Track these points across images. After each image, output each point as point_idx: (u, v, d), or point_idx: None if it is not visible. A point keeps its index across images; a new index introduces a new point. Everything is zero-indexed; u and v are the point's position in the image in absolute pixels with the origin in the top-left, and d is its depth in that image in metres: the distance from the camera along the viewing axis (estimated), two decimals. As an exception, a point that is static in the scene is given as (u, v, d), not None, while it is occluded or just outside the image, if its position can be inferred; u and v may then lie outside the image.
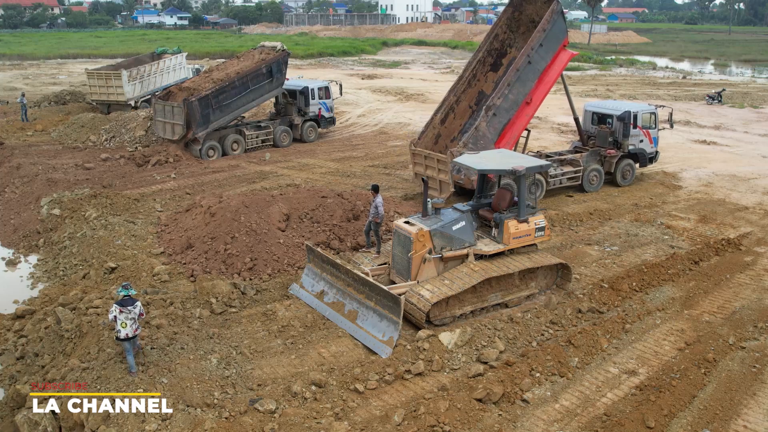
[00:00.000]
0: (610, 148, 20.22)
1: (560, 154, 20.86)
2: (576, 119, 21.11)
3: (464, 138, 17.46)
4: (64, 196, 18.26)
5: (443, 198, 16.83)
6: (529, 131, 20.72)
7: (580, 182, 19.91)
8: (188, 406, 8.79)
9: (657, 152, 21.25)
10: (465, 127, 19.65)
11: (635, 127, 20.19)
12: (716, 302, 12.72)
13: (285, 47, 27.32)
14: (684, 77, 55.56)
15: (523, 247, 12.59)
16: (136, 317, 9.25)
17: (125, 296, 9.25)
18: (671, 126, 22.57)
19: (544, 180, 18.69)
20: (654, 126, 20.77)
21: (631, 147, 20.32)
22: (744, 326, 11.67)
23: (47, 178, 20.67)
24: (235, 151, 25.17)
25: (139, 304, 9.37)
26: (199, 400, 8.94)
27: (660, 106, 21.79)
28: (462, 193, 18.46)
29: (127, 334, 9.12)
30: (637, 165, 20.95)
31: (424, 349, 10.40)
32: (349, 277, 11.69)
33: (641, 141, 20.52)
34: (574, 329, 11.40)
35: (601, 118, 20.89)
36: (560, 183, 19.48)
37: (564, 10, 19.72)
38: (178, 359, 9.84)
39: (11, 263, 15.27)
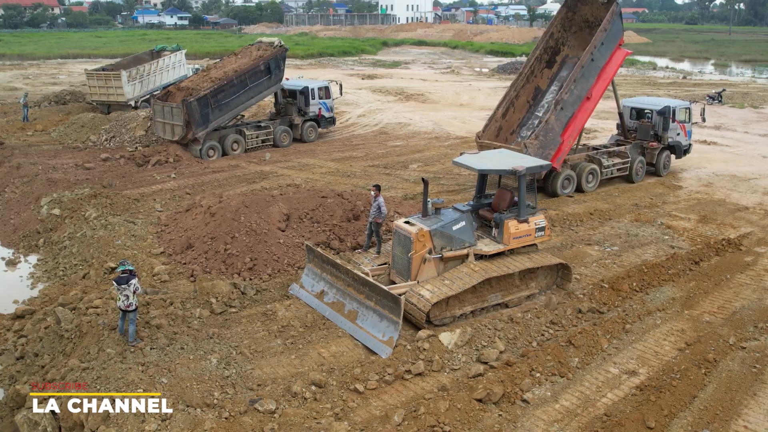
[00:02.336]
0: (653, 141, 21.75)
1: (605, 147, 22.15)
2: (620, 114, 22.30)
3: (536, 130, 18.51)
4: (64, 196, 18.25)
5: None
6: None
7: (628, 173, 21.26)
8: (188, 406, 8.78)
9: (690, 145, 22.84)
10: (523, 120, 20.78)
11: (673, 121, 21.74)
12: (716, 302, 12.71)
13: (282, 43, 27.24)
14: (684, 77, 55.56)
15: (524, 247, 12.58)
16: (131, 294, 9.97)
17: (122, 273, 10.05)
18: (703, 120, 23.84)
19: (599, 170, 20.24)
20: (688, 120, 22.43)
21: (669, 140, 21.90)
22: (744, 326, 11.66)
23: (47, 178, 20.66)
24: (235, 151, 25.16)
25: (134, 282, 10.01)
26: (199, 400, 8.93)
27: (693, 101, 23.40)
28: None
29: (119, 307, 10.09)
30: (673, 156, 22.45)
31: (424, 349, 10.39)
32: (349, 277, 11.69)
33: (678, 134, 22.11)
34: (575, 329, 11.39)
35: (638, 113, 22.54)
36: (611, 174, 20.85)
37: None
38: (178, 359, 9.83)
39: (11, 263, 15.26)
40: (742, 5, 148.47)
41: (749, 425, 8.94)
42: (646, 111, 22.27)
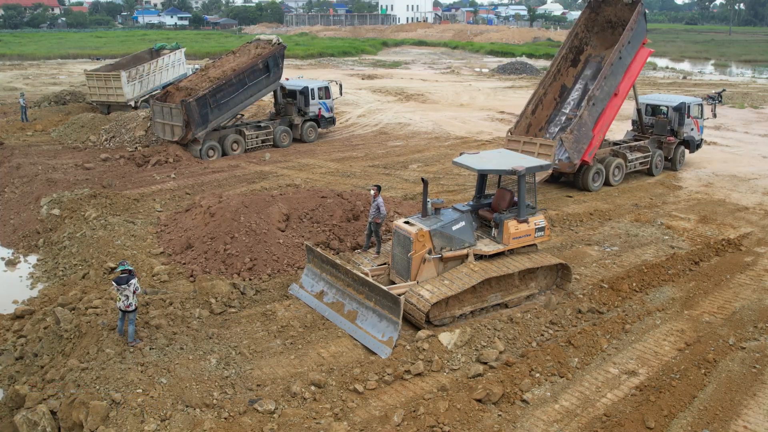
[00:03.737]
0: (670, 136, 22.62)
1: (625, 142, 22.92)
2: (639, 110, 23.19)
3: (571, 125, 19.20)
4: (63, 196, 18.25)
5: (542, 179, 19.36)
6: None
7: (648, 166, 22.18)
8: (187, 406, 8.78)
9: (702, 139, 24.01)
10: (550, 117, 21.56)
11: (688, 116, 22.80)
12: (716, 302, 12.71)
13: (281, 40, 27.18)
14: (684, 77, 55.53)
15: (523, 247, 12.58)
16: (131, 294, 10.01)
17: (121, 273, 10.10)
18: (714, 116, 25.05)
19: (624, 164, 21.15)
20: (701, 116, 23.58)
21: (684, 134, 22.90)
22: (744, 327, 11.65)
23: (47, 178, 20.66)
24: (235, 151, 25.15)
25: (133, 282, 10.03)
26: (199, 400, 8.93)
27: (705, 98, 24.73)
28: (553, 179, 20.93)
29: (119, 307, 10.11)
30: (687, 151, 23.55)
31: (424, 350, 10.38)
32: (349, 277, 11.68)
33: (692, 129, 23.21)
34: (574, 329, 11.39)
35: (653, 109, 23.45)
36: (635, 167, 21.70)
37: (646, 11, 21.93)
38: (178, 359, 9.83)
39: (11, 263, 15.25)
40: (742, 5, 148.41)
41: (749, 425, 8.94)
42: (661, 107, 23.18)
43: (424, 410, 8.91)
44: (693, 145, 23.41)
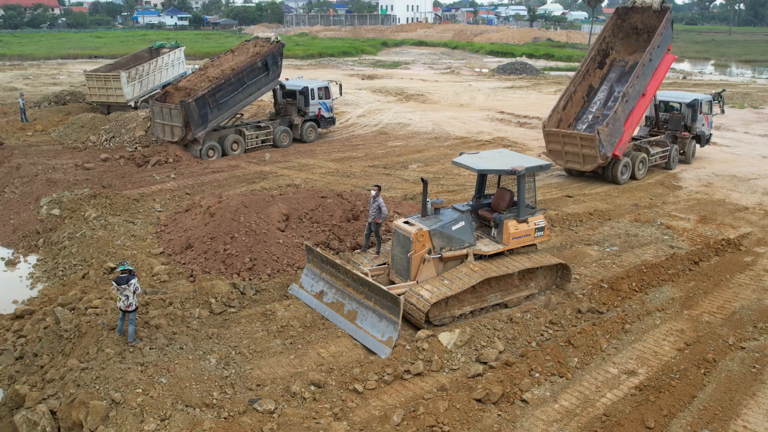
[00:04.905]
0: (684, 131, 23.94)
1: (643, 137, 24.00)
2: (656, 107, 24.39)
3: (607, 120, 20.31)
4: (63, 196, 18.25)
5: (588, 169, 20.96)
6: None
7: (667, 160, 23.37)
8: (187, 406, 8.78)
9: (711, 134, 25.29)
10: (578, 114, 22.68)
11: (700, 112, 24.03)
12: (716, 302, 12.71)
13: (279, 38, 27.14)
14: (684, 78, 55.53)
15: (523, 247, 12.58)
16: (131, 294, 10.04)
17: (121, 273, 10.13)
18: (722, 112, 26.31)
19: (647, 158, 22.27)
20: (710, 112, 24.79)
21: (697, 129, 24.21)
22: (744, 326, 11.65)
23: (47, 178, 20.66)
24: (234, 151, 25.14)
25: (133, 282, 10.06)
26: (198, 400, 8.93)
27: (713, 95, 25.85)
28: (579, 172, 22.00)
29: (119, 307, 10.14)
30: (698, 145, 24.79)
31: (424, 350, 10.38)
32: (349, 277, 11.68)
33: (703, 124, 24.47)
34: (574, 329, 11.39)
35: (665, 106, 24.77)
36: (655, 161, 22.84)
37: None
38: (177, 359, 9.83)
39: (11, 263, 15.26)
40: (742, 6, 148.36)
41: (749, 425, 8.94)
42: (675, 104, 24.51)
43: (423, 410, 8.91)
44: (703, 139, 24.68)
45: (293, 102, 27.48)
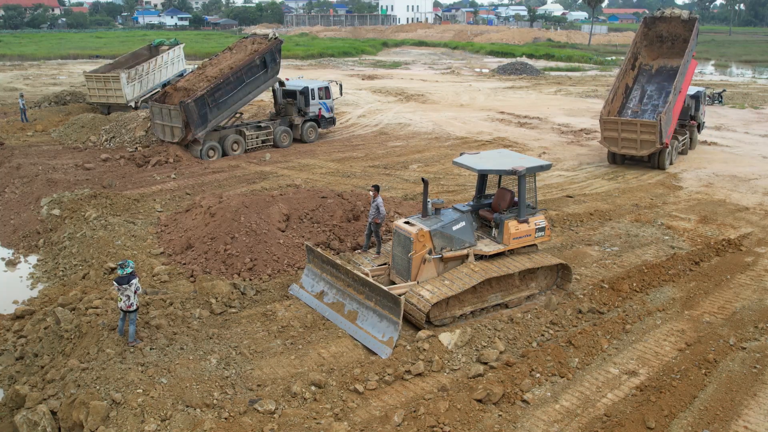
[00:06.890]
0: (692, 119, 26.39)
1: None
2: None
3: (664, 109, 22.31)
4: (64, 197, 18.25)
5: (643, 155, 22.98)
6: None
7: (684, 147, 25.72)
8: (188, 406, 8.78)
9: (704, 121, 28.46)
10: (618, 110, 24.76)
11: (702, 103, 26.83)
12: (717, 303, 12.70)
13: (277, 35, 27.07)
14: (684, 78, 55.47)
15: (524, 247, 12.57)
16: (132, 294, 10.04)
17: (121, 274, 10.09)
18: (721, 102, 30.66)
19: (678, 145, 24.68)
20: (704, 102, 27.79)
21: (700, 118, 26.95)
22: (744, 327, 11.65)
23: (47, 178, 20.66)
24: (235, 151, 25.14)
25: (134, 282, 10.07)
26: (199, 400, 8.92)
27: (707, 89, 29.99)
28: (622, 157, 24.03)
29: (120, 308, 10.13)
30: (697, 132, 27.40)
31: (424, 350, 10.38)
32: (349, 277, 11.67)
33: (702, 114, 27.51)
34: (575, 330, 11.38)
35: None
36: (679, 149, 25.25)
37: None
38: (178, 359, 9.82)
39: (11, 263, 15.26)
40: (742, 6, 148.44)
41: (749, 425, 8.93)
42: None
43: (424, 410, 8.90)
44: (702, 126, 27.76)
45: (293, 102, 27.47)
